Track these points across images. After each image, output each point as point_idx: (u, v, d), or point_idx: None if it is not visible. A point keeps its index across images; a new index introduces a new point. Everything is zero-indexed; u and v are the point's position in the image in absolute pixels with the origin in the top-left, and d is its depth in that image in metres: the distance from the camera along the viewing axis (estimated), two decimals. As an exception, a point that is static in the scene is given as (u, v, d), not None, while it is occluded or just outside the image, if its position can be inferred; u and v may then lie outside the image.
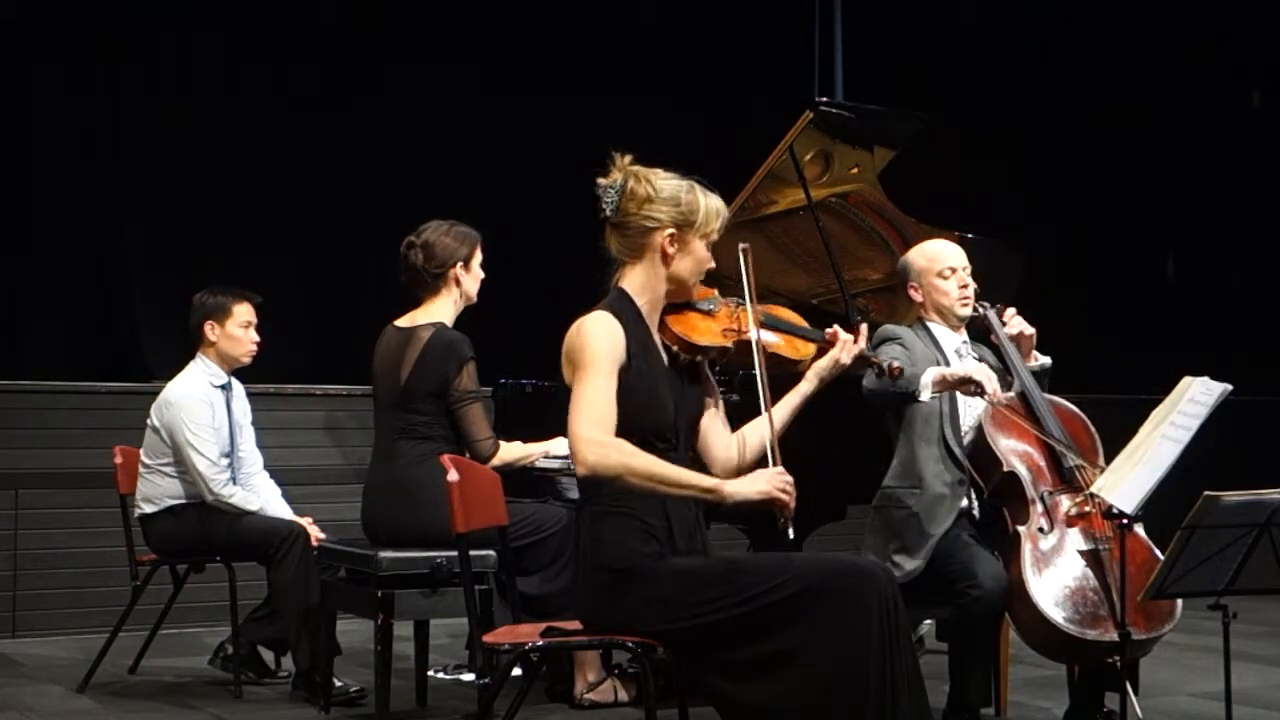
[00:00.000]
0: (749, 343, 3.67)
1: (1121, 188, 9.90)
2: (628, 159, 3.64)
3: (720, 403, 3.82)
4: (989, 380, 4.26)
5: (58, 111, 7.45)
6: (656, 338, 3.65)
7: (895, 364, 3.97)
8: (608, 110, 8.44)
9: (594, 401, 3.43)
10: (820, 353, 3.83)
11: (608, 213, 3.60)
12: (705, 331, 3.68)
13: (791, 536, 3.44)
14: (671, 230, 3.58)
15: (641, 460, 3.41)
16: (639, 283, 3.63)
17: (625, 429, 3.47)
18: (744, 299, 3.71)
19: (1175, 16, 9.89)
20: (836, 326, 3.87)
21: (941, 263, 4.71)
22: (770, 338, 3.77)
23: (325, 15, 8.04)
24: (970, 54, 9.48)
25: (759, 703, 3.33)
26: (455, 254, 5.03)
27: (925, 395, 4.31)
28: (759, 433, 3.71)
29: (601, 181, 3.62)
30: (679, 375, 3.67)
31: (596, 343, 3.48)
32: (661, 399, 3.56)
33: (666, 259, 3.60)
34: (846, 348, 3.80)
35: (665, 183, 3.61)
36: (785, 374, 3.82)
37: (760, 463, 3.64)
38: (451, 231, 5.07)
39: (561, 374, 3.55)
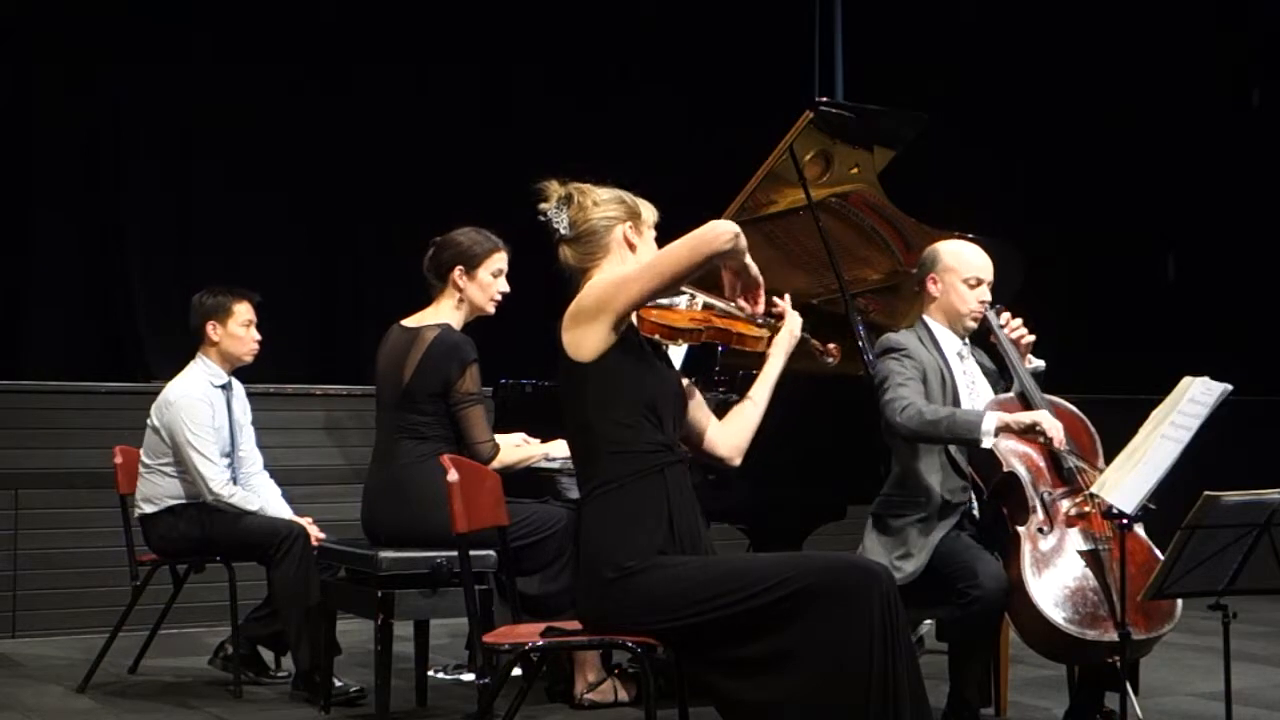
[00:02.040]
0: (718, 328, 3.77)
1: (1121, 188, 9.90)
2: (555, 182, 3.76)
3: (697, 392, 3.87)
4: (1057, 429, 4.27)
5: (58, 111, 7.45)
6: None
7: (831, 345, 3.97)
8: (607, 110, 8.45)
9: (657, 252, 3.57)
10: (771, 332, 3.92)
11: (563, 231, 3.70)
12: (678, 318, 3.75)
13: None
14: (629, 222, 3.70)
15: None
16: None
17: (639, 397, 3.51)
18: (693, 295, 3.81)
19: (1175, 16, 9.89)
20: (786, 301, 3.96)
21: (970, 271, 4.65)
22: (731, 324, 3.84)
23: (326, 15, 8.04)
24: (970, 54, 9.48)
25: (760, 701, 3.33)
26: (460, 257, 5.02)
27: (988, 442, 4.30)
28: (746, 415, 3.84)
29: (545, 206, 3.73)
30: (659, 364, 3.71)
31: (602, 276, 3.57)
32: (657, 372, 3.61)
33: (632, 248, 3.69)
34: (793, 320, 3.89)
35: (602, 190, 3.75)
36: (754, 356, 3.91)
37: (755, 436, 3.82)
38: (469, 234, 5.05)
39: (563, 354, 3.54)
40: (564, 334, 3.55)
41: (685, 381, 3.81)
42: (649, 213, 3.76)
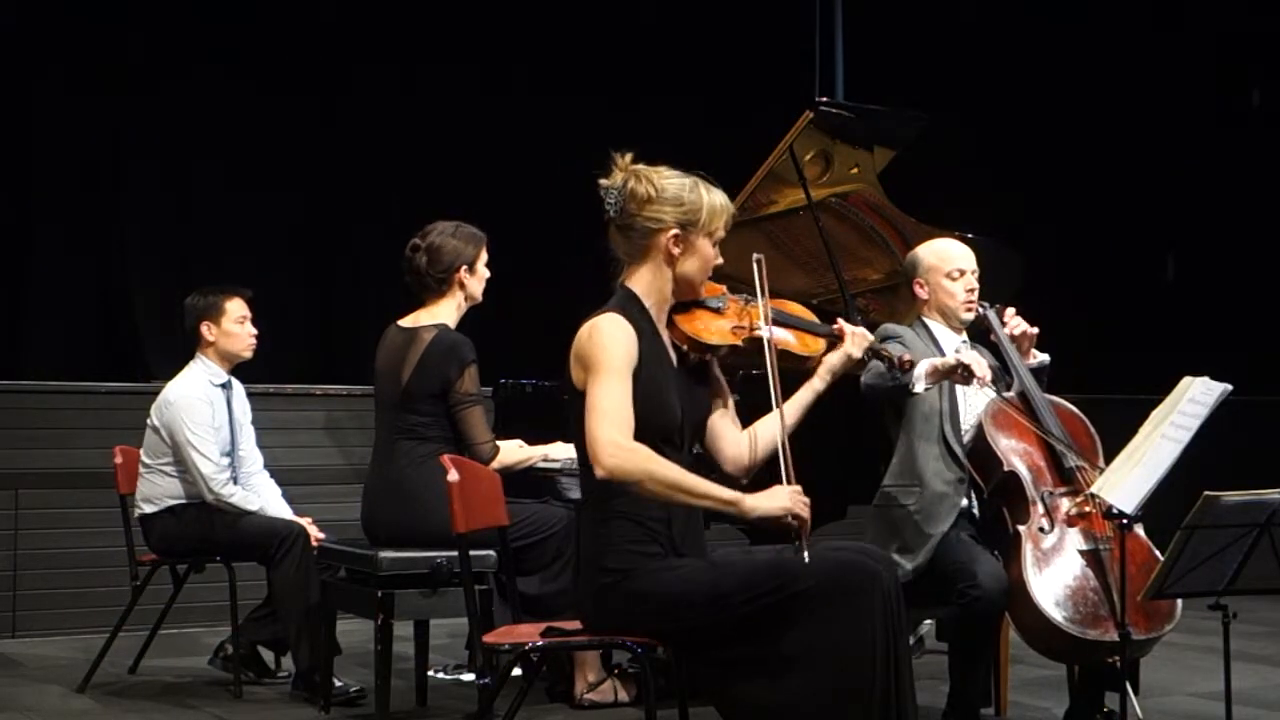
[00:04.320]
0: (759, 340, 3.61)
1: (1121, 187, 9.90)
2: (628, 158, 3.61)
3: (730, 401, 3.79)
4: (977, 365, 4.23)
5: (58, 112, 7.45)
6: (665, 336, 3.63)
7: (905, 356, 3.94)
8: (608, 110, 8.45)
9: (613, 404, 3.38)
10: (830, 348, 3.80)
11: (611, 213, 3.58)
12: (715, 330, 3.64)
13: (807, 559, 3.34)
14: (675, 231, 3.55)
15: (663, 467, 3.37)
16: (645, 283, 3.60)
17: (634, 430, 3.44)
18: (754, 296, 3.69)
19: (1175, 16, 9.88)
20: (841, 321, 3.86)
21: (951, 264, 4.69)
22: (781, 334, 3.70)
23: (325, 15, 8.04)
24: (970, 54, 9.48)
25: (761, 702, 3.32)
26: (460, 257, 5.03)
27: (919, 386, 4.28)
28: (770, 430, 3.68)
29: (603, 182, 3.60)
30: (687, 375, 3.65)
31: (612, 344, 3.44)
32: (668, 401, 3.53)
33: (671, 259, 3.57)
34: (856, 341, 3.78)
35: (668, 182, 3.57)
36: (794, 371, 3.77)
37: (771, 462, 3.59)
38: (457, 234, 5.05)
39: (569, 375, 3.52)
40: (571, 350, 3.50)
41: (718, 398, 3.74)
42: (714, 218, 3.57)
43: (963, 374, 4.23)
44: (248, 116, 7.78)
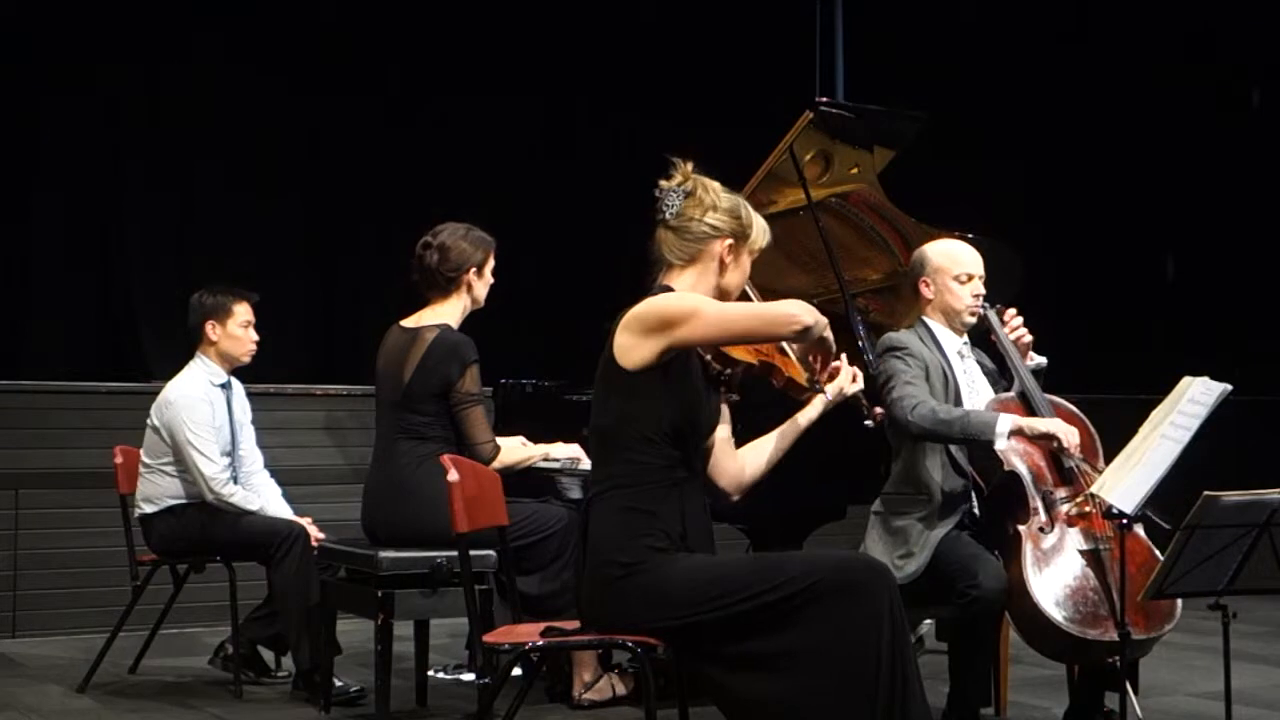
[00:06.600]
0: (771, 364, 3.71)
1: (1121, 187, 9.90)
2: (689, 166, 3.67)
3: (729, 420, 3.81)
4: (1072, 436, 4.31)
5: (58, 111, 7.45)
6: None
7: (878, 411, 3.95)
8: (607, 110, 8.45)
9: (734, 305, 3.49)
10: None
11: (667, 215, 3.63)
12: (736, 348, 3.68)
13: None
14: (731, 240, 3.63)
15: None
16: (687, 285, 3.61)
17: (668, 419, 3.46)
18: None
19: (1175, 16, 9.89)
20: (843, 358, 3.88)
21: (960, 267, 4.67)
22: (786, 363, 3.78)
23: (325, 15, 8.04)
24: (970, 54, 9.48)
25: (763, 698, 3.32)
26: (470, 259, 5.03)
27: (1001, 444, 4.32)
28: (763, 452, 3.82)
29: (664, 184, 3.65)
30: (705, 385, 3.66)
31: (681, 294, 3.53)
32: (703, 397, 3.57)
33: (722, 267, 3.63)
34: (858, 378, 3.85)
35: (724, 195, 3.67)
36: (792, 399, 3.84)
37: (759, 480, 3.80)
38: (469, 236, 5.06)
39: (610, 352, 3.49)
40: (618, 333, 3.49)
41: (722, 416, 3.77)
42: (759, 238, 3.68)
43: (1055, 447, 4.35)
44: (248, 116, 7.78)
